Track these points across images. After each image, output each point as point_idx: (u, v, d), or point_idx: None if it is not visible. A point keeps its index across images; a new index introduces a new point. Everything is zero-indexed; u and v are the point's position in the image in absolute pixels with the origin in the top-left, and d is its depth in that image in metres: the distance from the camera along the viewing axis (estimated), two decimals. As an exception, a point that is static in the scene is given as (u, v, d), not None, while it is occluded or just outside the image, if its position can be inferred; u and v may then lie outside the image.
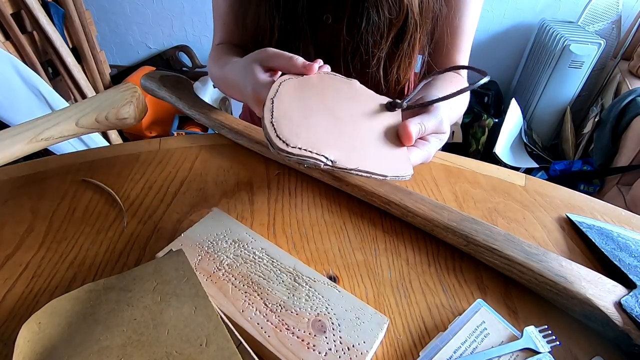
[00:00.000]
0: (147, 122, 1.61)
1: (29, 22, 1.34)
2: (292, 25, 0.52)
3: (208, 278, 0.33)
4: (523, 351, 0.31)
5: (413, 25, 0.50)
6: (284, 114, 0.31)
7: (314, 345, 0.29)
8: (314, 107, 0.34)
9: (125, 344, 0.26)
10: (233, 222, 0.39)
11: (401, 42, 0.52)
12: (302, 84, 0.36)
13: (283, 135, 0.30)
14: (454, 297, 0.36)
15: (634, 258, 0.38)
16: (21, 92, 1.18)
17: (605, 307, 0.32)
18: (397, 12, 0.48)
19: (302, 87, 0.35)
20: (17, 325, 0.28)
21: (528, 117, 1.72)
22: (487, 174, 0.51)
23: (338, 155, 0.30)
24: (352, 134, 0.33)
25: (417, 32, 0.51)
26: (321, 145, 0.30)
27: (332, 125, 0.33)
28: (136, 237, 0.41)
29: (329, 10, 0.52)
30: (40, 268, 0.37)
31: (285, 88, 0.34)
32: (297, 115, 0.32)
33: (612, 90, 1.54)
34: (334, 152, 0.30)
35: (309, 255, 0.40)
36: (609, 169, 1.41)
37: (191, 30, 1.87)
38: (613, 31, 1.59)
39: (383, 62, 0.53)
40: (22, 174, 0.48)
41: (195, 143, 0.54)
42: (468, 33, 0.55)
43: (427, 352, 0.30)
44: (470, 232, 0.38)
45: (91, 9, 1.67)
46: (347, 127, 0.34)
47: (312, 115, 0.33)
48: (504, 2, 1.68)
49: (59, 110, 0.44)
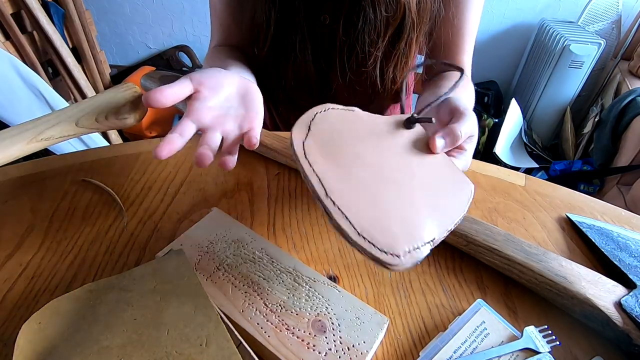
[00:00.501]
0: (147, 122, 1.61)
1: (29, 22, 1.34)
2: (288, 20, 0.52)
3: (208, 278, 0.33)
4: (523, 351, 0.31)
5: (410, 24, 0.50)
6: (347, 204, 0.26)
7: (314, 345, 0.29)
8: (360, 174, 0.29)
9: (125, 343, 0.26)
10: (233, 222, 0.39)
11: (398, 42, 0.52)
12: (325, 140, 0.30)
13: (379, 244, 0.24)
14: (454, 297, 0.36)
15: (634, 258, 0.38)
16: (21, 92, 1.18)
17: (605, 307, 0.32)
18: (394, 10, 0.48)
19: (327, 145, 0.30)
20: (17, 325, 0.28)
21: (528, 117, 1.72)
22: (487, 174, 0.51)
23: (435, 231, 0.26)
24: (416, 190, 0.29)
25: (414, 31, 0.51)
26: (417, 231, 0.26)
27: (396, 192, 0.28)
28: (136, 237, 0.41)
29: (326, 11, 0.52)
30: (40, 268, 0.37)
31: (312, 152, 0.29)
32: (361, 199, 0.27)
33: (612, 90, 1.54)
34: (430, 230, 0.26)
35: (309, 255, 0.40)
36: (609, 169, 1.41)
37: (191, 30, 1.87)
38: (613, 31, 1.59)
39: (380, 62, 0.53)
40: (22, 174, 0.48)
41: (195, 143, 0.54)
42: (470, 33, 0.55)
43: (427, 352, 0.30)
44: (470, 232, 0.38)
45: (91, 9, 1.67)
46: (404, 183, 0.29)
47: (370, 188, 0.28)
48: (504, 2, 1.68)
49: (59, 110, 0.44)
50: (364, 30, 0.50)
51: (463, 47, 0.55)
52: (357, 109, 0.35)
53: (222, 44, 0.62)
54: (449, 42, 0.55)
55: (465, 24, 0.54)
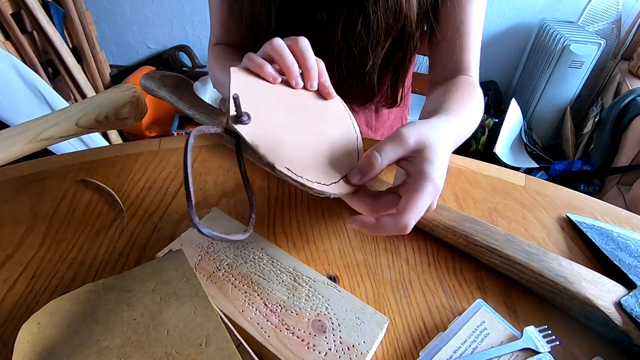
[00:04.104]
0: (147, 122, 1.61)
1: (29, 22, 1.34)
2: (287, 17, 0.52)
3: (208, 278, 0.33)
4: (523, 351, 0.31)
5: (409, 35, 0.50)
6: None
7: (314, 345, 0.29)
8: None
9: (124, 344, 0.26)
10: (233, 222, 0.39)
11: (396, 51, 0.52)
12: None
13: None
14: (454, 297, 0.36)
15: (634, 258, 0.38)
16: (21, 92, 1.18)
17: (605, 307, 0.32)
18: (395, 18, 0.48)
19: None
20: (17, 325, 0.28)
21: (528, 117, 1.72)
22: (487, 174, 0.51)
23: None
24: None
25: (413, 42, 0.51)
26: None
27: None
28: (136, 237, 0.41)
29: (323, 8, 0.52)
30: (40, 268, 0.37)
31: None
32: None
33: (612, 90, 1.54)
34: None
35: (309, 255, 0.40)
36: (609, 169, 1.41)
37: (191, 30, 1.87)
38: (613, 31, 1.59)
39: (378, 69, 0.53)
40: (22, 174, 0.48)
41: (195, 143, 0.54)
42: (475, 32, 0.54)
43: (427, 352, 0.30)
44: (470, 232, 0.38)
45: (91, 9, 1.67)
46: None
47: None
48: (504, 2, 1.68)
49: (59, 110, 0.44)
50: (361, 35, 0.50)
51: (468, 47, 0.54)
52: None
53: (222, 42, 0.62)
54: (453, 43, 0.54)
55: (469, 24, 0.53)
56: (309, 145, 0.33)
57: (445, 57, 0.55)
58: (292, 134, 0.33)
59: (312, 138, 0.34)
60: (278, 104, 0.35)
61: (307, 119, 0.35)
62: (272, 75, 0.36)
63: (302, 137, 0.33)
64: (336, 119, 0.37)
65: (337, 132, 0.36)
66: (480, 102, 0.50)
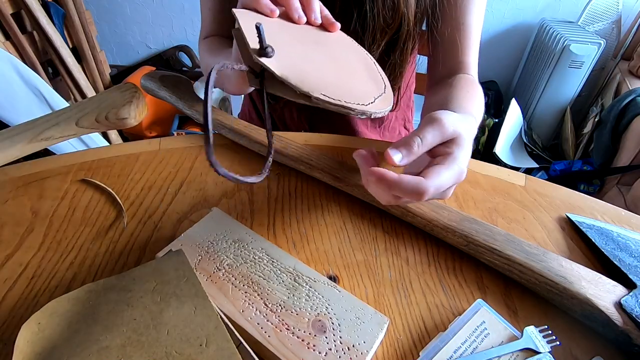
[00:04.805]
0: (147, 122, 1.61)
1: (29, 22, 1.34)
2: None
3: (208, 278, 0.33)
4: (523, 351, 0.31)
5: (406, 35, 0.49)
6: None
7: (314, 345, 0.29)
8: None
9: (124, 344, 0.26)
10: (233, 222, 0.39)
11: (392, 52, 0.52)
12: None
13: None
14: (454, 297, 0.36)
15: (634, 258, 0.38)
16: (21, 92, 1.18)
17: (605, 307, 0.32)
18: (392, 16, 0.48)
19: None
20: (17, 325, 0.28)
21: (528, 117, 1.72)
22: (487, 174, 0.51)
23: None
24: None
25: (410, 42, 0.51)
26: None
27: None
28: (136, 237, 0.41)
29: None
30: (40, 268, 0.37)
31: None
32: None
33: (612, 90, 1.54)
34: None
35: (309, 255, 0.40)
36: (609, 169, 1.41)
37: (191, 30, 1.87)
38: (613, 31, 1.59)
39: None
40: (22, 174, 0.48)
41: (195, 143, 0.54)
42: (475, 31, 0.54)
43: (427, 352, 0.30)
44: (470, 232, 0.38)
45: (91, 9, 1.67)
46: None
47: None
48: (504, 2, 1.68)
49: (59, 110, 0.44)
50: (357, 31, 0.49)
51: (468, 47, 0.54)
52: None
53: (213, 34, 0.62)
54: (453, 42, 0.54)
55: (468, 24, 0.53)
56: (334, 71, 0.33)
57: (445, 56, 0.55)
58: (315, 63, 0.33)
59: (334, 65, 0.34)
60: (291, 38, 0.35)
61: (322, 49, 0.35)
62: (269, 6, 0.35)
63: (325, 65, 0.33)
64: (347, 45, 0.38)
65: (354, 57, 0.37)
66: (482, 99, 0.51)
